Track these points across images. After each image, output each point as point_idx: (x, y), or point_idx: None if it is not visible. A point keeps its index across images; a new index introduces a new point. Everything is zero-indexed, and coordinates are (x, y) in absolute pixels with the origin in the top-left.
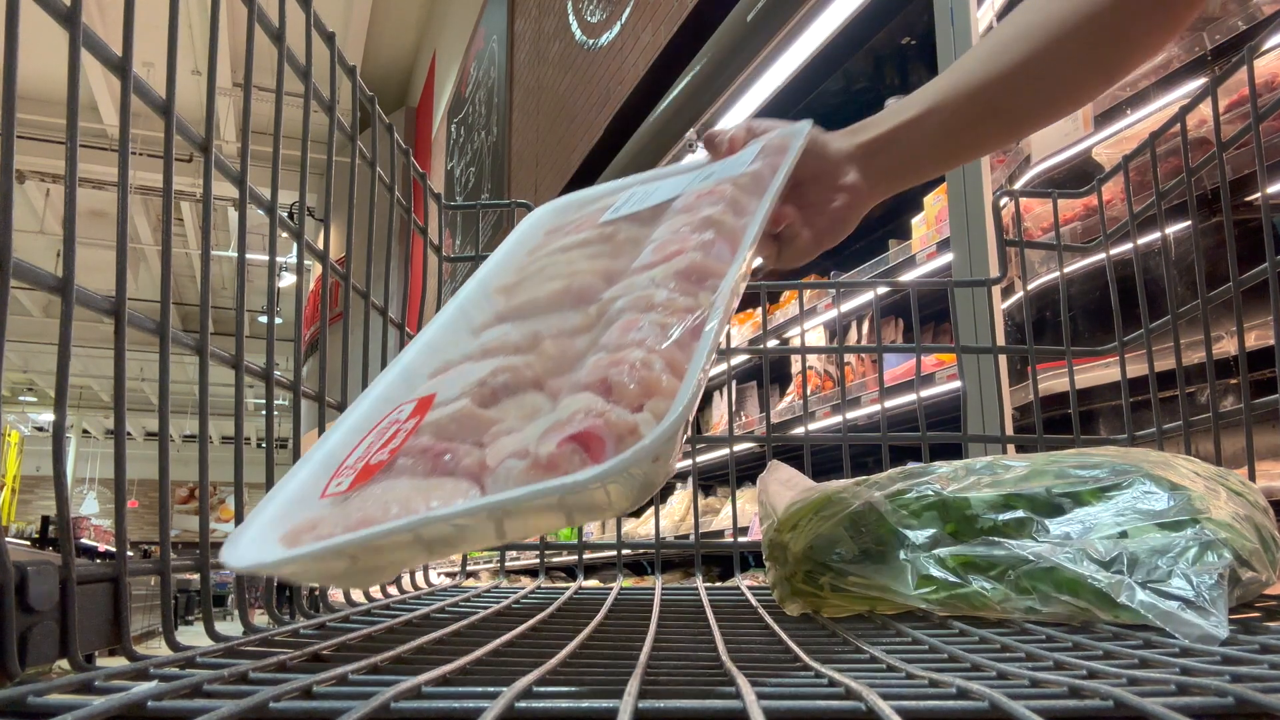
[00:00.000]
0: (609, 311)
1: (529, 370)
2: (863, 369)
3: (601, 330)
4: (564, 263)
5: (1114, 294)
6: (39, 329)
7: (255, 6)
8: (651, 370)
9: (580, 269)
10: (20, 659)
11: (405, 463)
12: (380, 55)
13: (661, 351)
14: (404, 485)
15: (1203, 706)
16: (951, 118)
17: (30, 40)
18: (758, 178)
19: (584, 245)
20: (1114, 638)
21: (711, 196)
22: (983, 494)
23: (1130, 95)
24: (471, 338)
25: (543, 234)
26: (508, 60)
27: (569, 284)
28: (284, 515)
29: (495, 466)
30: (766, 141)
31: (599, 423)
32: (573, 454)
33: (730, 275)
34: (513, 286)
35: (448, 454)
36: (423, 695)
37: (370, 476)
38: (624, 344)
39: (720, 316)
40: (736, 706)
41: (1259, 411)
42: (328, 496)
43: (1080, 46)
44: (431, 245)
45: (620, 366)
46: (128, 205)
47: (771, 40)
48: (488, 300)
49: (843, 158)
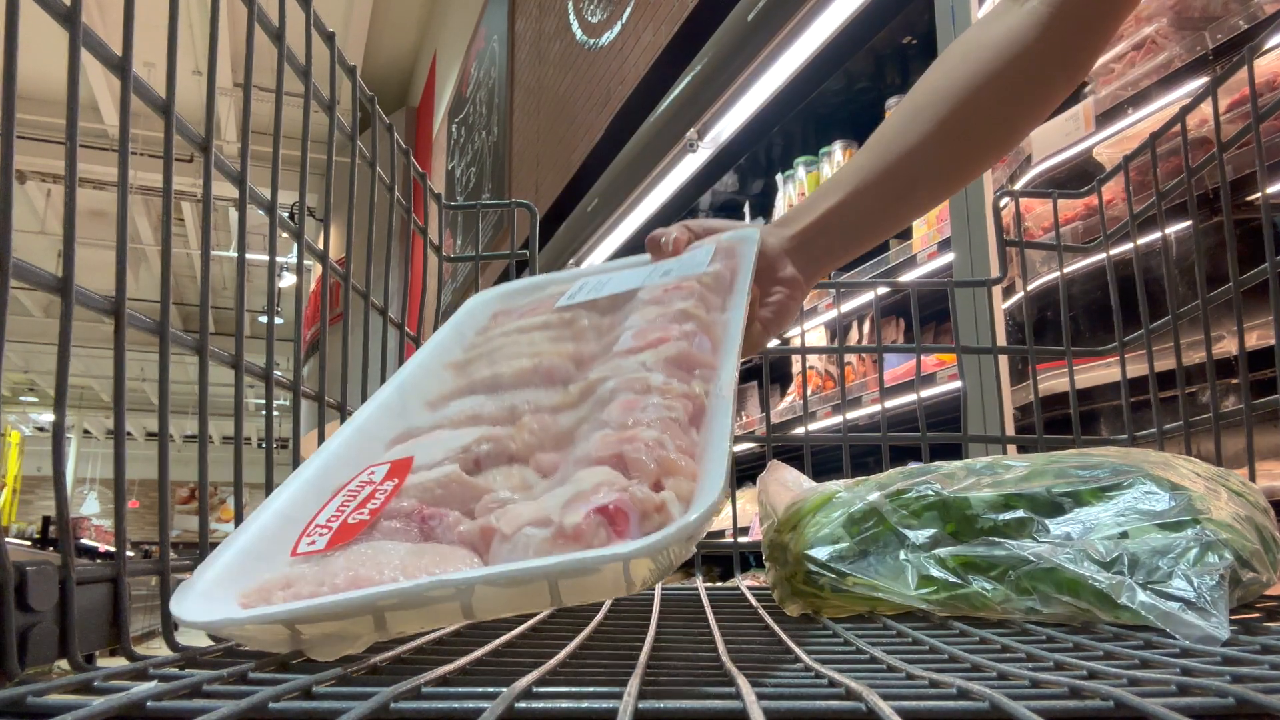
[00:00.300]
0: (599, 391)
1: (511, 442)
2: (864, 369)
3: (594, 408)
4: (525, 343)
5: (1114, 294)
6: (40, 329)
7: (255, 6)
8: (666, 450)
9: (544, 350)
10: (20, 659)
11: (392, 525)
12: (381, 55)
13: (673, 433)
14: (397, 549)
15: (1203, 707)
16: (875, 197)
17: (32, 40)
18: (719, 278)
19: (544, 328)
20: (1114, 638)
21: (680, 291)
22: (983, 494)
23: (1132, 95)
24: (428, 410)
25: (488, 317)
26: (508, 60)
27: (536, 363)
28: (240, 571)
29: (512, 534)
30: (720, 243)
31: (624, 497)
32: (599, 527)
33: (729, 368)
34: (464, 364)
35: (436, 519)
36: (423, 695)
37: (351, 536)
38: (631, 423)
39: (732, 412)
40: (736, 706)
41: (1259, 411)
42: (300, 555)
43: (990, 104)
44: (431, 245)
45: (635, 444)
46: (128, 205)
47: (772, 40)
48: (437, 377)
49: (778, 253)
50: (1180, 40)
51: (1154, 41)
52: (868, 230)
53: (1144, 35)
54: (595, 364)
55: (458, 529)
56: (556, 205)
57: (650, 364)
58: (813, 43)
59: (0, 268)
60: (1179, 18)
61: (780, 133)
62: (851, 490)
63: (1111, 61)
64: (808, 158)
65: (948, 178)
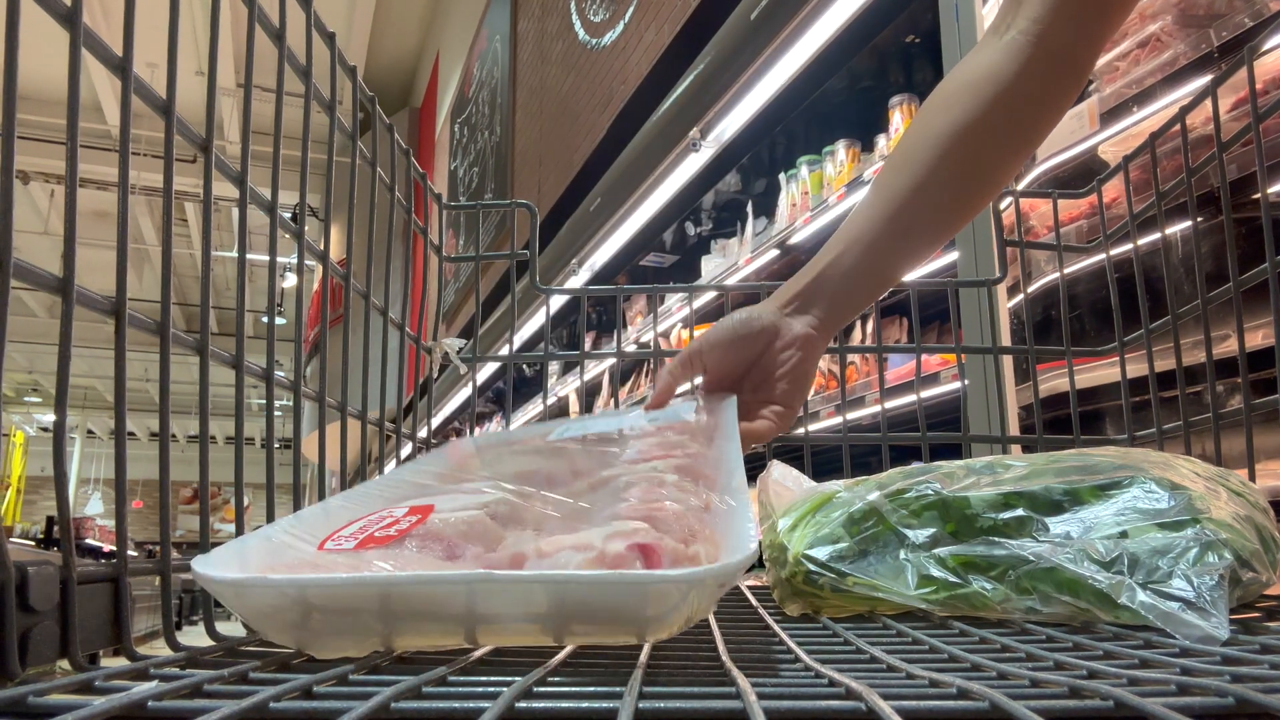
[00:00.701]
0: (613, 484)
1: (528, 513)
2: (867, 368)
3: (609, 496)
4: (520, 462)
5: (1114, 294)
6: (43, 329)
7: (255, 6)
8: (686, 522)
9: (542, 463)
10: (21, 659)
11: (417, 544)
12: (384, 56)
13: (694, 512)
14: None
15: (1203, 707)
16: (872, 247)
17: (37, 41)
18: (704, 425)
19: (536, 453)
20: (1114, 638)
21: (673, 428)
22: (983, 493)
23: (1137, 93)
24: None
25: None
26: (511, 60)
27: (537, 468)
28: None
29: (552, 553)
30: (699, 401)
31: (661, 542)
32: (635, 560)
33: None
34: (449, 474)
35: (461, 547)
36: (423, 695)
37: (379, 545)
38: (654, 500)
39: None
40: (736, 706)
41: (1259, 411)
42: (327, 550)
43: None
44: (432, 245)
45: (663, 512)
46: (128, 205)
47: (775, 39)
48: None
49: (779, 319)
50: (1185, 38)
51: (1159, 39)
52: (875, 278)
53: (1149, 33)
54: (599, 472)
55: (485, 556)
56: (559, 205)
57: (662, 469)
58: (816, 41)
59: (1, 268)
60: (1184, 15)
61: (783, 132)
62: (851, 490)
63: (1116, 60)
64: (811, 156)
65: (944, 221)
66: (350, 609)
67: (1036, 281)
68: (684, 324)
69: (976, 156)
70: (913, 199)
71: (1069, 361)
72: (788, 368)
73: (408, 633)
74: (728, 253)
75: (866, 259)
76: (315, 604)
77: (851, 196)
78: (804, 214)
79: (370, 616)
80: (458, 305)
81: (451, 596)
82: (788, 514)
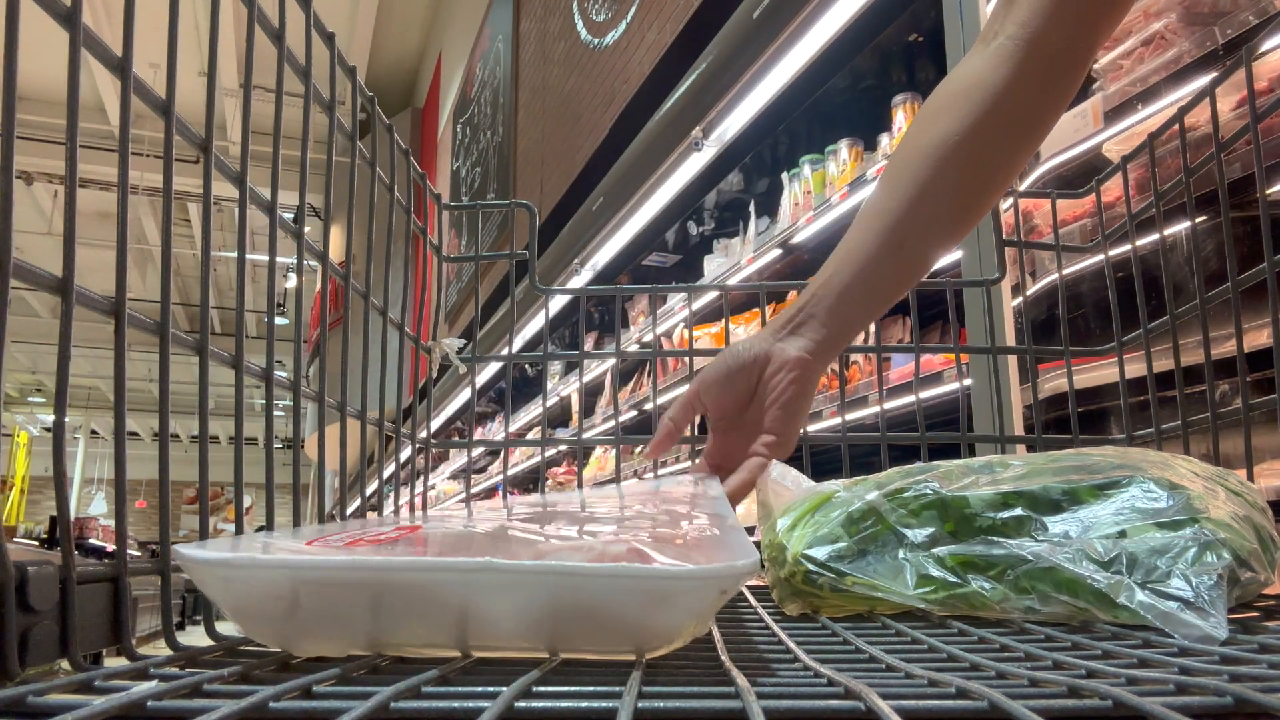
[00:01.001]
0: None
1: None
2: (869, 368)
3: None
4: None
5: (1113, 294)
6: (47, 330)
7: (255, 6)
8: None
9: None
10: (20, 659)
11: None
12: (386, 56)
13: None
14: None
15: (1202, 706)
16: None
17: (41, 42)
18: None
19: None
20: (1113, 638)
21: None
22: (981, 493)
23: (1140, 91)
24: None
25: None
26: (513, 60)
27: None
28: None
29: (549, 554)
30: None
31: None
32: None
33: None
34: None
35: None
36: (423, 695)
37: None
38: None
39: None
40: (736, 706)
41: (1258, 411)
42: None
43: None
44: (431, 245)
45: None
46: (128, 205)
47: (777, 37)
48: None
49: (767, 347)
50: (1190, 35)
51: (1163, 37)
52: (872, 296)
53: (1153, 31)
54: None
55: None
56: (561, 204)
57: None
58: (818, 40)
59: (0, 268)
60: (1188, 13)
61: (786, 131)
62: (850, 489)
63: (1120, 58)
64: (813, 156)
65: (940, 234)
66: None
67: (1041, 280)
68: (685, 324)
69: (969, 166)
70: (906, 213)
71: (1068, 361)
72: (777, 393)
73: (397, 630)
74: (730, 252)
75: (861, 277)
76: (305, 588)
77: (854, 196)
78: (806, 213)
79: (360, 607)
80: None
81: (447, 587)
82: (787, 514)
